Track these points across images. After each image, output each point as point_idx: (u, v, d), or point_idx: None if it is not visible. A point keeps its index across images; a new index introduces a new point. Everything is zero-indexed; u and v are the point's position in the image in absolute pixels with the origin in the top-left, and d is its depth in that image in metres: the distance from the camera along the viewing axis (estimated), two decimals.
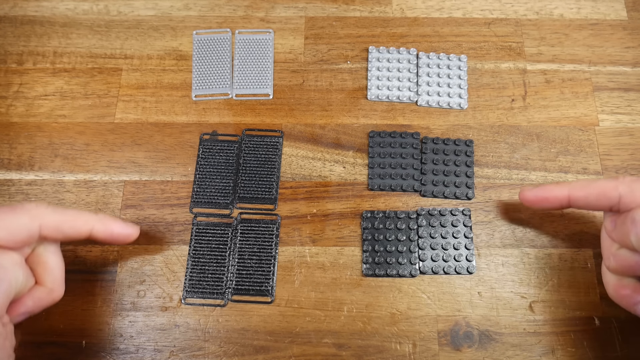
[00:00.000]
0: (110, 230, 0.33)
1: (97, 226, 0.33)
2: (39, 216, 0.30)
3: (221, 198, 0.39)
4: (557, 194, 0.34)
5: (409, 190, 0.39)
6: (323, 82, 0.43)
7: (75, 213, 0.32)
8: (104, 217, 0.33)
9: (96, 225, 0.33)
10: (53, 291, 0.32)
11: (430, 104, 0.42)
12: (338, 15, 0.45)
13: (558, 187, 0.34)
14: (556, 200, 0.34)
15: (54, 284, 0.32)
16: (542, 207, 0.35)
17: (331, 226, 0.38)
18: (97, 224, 0.33)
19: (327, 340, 0.35)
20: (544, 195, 0.34)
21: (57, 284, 0.32)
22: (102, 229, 0.33)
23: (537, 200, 0.35)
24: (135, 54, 0.44)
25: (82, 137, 0.41)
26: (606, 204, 0.32)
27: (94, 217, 0.33)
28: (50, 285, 0.32)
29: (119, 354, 0.35)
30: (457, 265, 0.37)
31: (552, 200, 0.34)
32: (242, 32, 0.45)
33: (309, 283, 0.37)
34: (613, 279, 0.32)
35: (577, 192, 0.33)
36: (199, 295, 0.37)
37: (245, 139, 0.41)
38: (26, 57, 0.44)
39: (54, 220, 0.31)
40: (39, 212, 0.30)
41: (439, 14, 0.45)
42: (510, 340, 0.35)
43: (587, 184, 0.33)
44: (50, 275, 0.32)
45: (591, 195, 0.32)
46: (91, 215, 0.33)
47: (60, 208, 0.32)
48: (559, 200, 0.34)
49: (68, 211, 0.32)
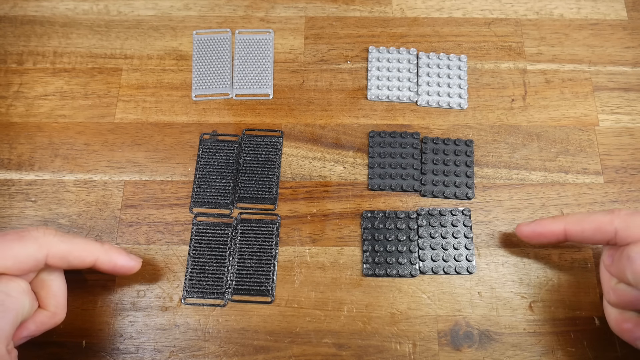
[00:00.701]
0: (113, 262, 0.33)
1: (102, 257, 0.33)
2: (46, 245, 0.30)
3: (221, 198, 0.39)
4: (553, 228, 0.33)
5: (409, 190, 0.39)
6: (323, 82, 0.43)
7: (81, 243, 0.32)
8: (109, 249, 0.33)
9: (101, 257, 0.33)
10: (56, 315, 0.32)
11: (430, 104, 0.42)
12: (338, 15, 0.45)
13: (554, 222, 0.33)
14: (552, 235, 0.34)
15: (57, 308, 0.32)
16: (539, 242, 0.35)
17: (331, 226, 0.38)
18: (102, 255, 0.33)
19: (327, 340, 0.35)
20: (540, 230, 0.34)
21: (60, 308, 0.33)
22: (106, 261, 0.33)
23: (533, 235, 0.35)
24: (135, 54, 0.44)
25: (82, 137, 0.41)
26: (603, 239, 0.31)
27: (100, 248, 0.33)
28: (53, 310, 0.32)
29: (119, 353, 0.35)
30: (457, 265, 0.37)
31: (548, 235, 0.34)
32: (242, 32, 0.45)
33: (309, 283, 0.37)
34: (614, 312, 0.32)
35: (573, 226, 0.33)
36: (199, 295, 0.37)
37: (245, 139, 0.41)
38: (26, 57, 0.44)
39: (60, 250, 0.31)
40: (46, 240, 0.30)
41: (439, 14, 0.45)
42: (510, 340, 0.35)
43: (583, 218, 0.32)
44: (53, 299, 0.32)
45: (587, 230, 0.32)
46: (97, 246, 0.33)
47: (68, 237, 0.32)
48: (555, 235, 0.34)
49: (75, 240, 0.32)
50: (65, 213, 0.39)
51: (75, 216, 0.39)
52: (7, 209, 0.39)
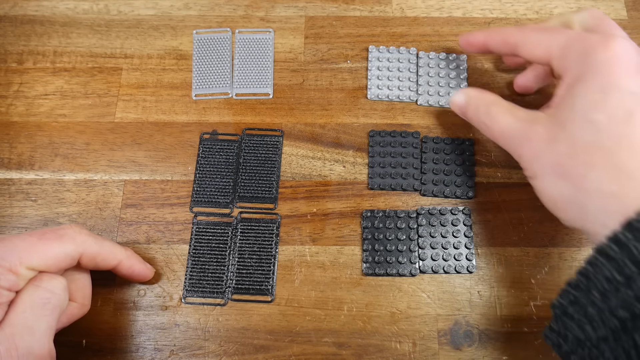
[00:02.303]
0: (132, 268, 0.34)
1: (124, 262, 0.34)
2: (82, 245, 0.31)
3: (221, 197, 0.39)
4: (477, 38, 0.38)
5: (409, 189, 0.39)
6: (323, 82, 0.43)
7: (109, 245, 0.33)
8: (131, 255, 0.35)
9: (124, 261, 0.34)
10: (84, 306, 0.34)
11: (431, 104, 0.42)
12: (338, 14, 0.45)
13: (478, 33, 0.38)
14: (478, 44, 0.38)
15: (85, 299, 0.34)
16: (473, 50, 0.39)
17: (331, 225, 0.38)
18: (125, 260, 0.34)
19: (327, 339, 0.35)
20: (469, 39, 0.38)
21: (87, 300, 0.34)
22: (127, 266, 0.34)
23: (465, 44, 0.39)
24: (135, 54, 0.44)
25: (82, 136, 0.41)
26: (509, 50, 0.35)
27: (123, 253, 0.34)
28: (81, 301, 0.33)
29: (119, 353, 0.35)
30: (457, 264, 0.37)
31: (475, 44, 0.38)
32: (242, 31, 0.45)
33: (309, 282, 0.37)
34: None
35: (489, 37, 0.37)
36: (199, 294, 0.37)
37: (245, 138, 0.41)
38: (26, 56, 0.44)
39: (93, 250, 0.32)
40: (82, 239, 0.31)
41: (439, 14, 0.45)
42: (510, 339, 0.35)
43: (497, 30, 0.36)
44: (82, 292, 0.34)
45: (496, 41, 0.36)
46: (121, 250, 0.34)
47: (99, 238, 0.33)
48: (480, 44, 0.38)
49: (104, 242, 0.33)
50: (65, 212, 0.39)
51: (76, 215, 0.39)
52: (7, 208, 0.39)
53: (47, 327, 0.29)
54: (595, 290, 0.26)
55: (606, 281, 0.26)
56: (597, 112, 0.28)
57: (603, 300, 0.26)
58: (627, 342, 0.25)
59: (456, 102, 0.37)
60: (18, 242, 0.29)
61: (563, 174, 0.29)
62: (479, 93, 0.36)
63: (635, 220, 0.25)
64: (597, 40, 0.29)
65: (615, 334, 0.25)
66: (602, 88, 0.28)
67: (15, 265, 0.28)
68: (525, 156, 0.31)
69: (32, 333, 0.28)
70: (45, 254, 0.30)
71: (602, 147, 0.27)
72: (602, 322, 0.26)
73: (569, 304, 0.28)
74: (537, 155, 0.30)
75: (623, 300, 0.25)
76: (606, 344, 0.26)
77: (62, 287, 0.30)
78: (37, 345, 0.28)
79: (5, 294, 0.28)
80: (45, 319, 0.29)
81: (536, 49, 0.33)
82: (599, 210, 0.27)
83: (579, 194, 0.28)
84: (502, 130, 0.33)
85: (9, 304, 0.29)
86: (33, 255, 0.29)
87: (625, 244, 0.25)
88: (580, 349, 0.28)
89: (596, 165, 0.27)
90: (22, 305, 0.29)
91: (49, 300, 0.29)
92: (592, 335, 0.27)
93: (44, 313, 0.29)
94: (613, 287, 0.26)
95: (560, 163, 0.29)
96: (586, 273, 0.27)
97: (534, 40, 0.33)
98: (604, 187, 0.27)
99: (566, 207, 0.29)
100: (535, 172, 0.31)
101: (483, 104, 0.35)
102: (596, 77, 0.29)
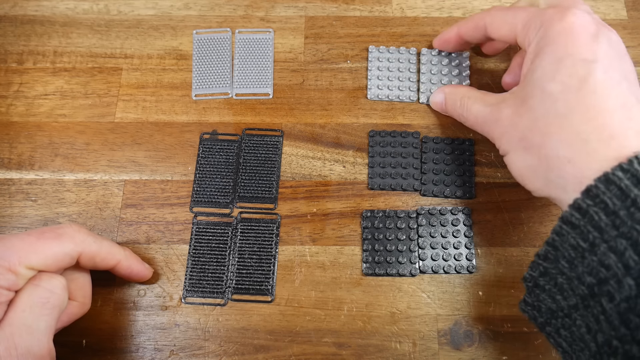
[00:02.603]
0: (130, 268, 0.35)
1: (123, 262, 0.34)
2: (81, 244, 0.31)
3: (221, 197, 0.39)
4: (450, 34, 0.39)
5: (409, 189, 0.39)
6: (323, 82, 0.43)
7: (108, 245, 0.33)
8: (129, 255, 0.35)
9: (122, 261, 0.34)
10: (84, 305, 0.34)
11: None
12: (338, 14, 0.45)
13: (450, 29, 0.39)
14: (453, 39, 0.39)
15: (85, 298, 0.34)
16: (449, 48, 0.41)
17: (331, 225, 0.38)
18: (124, 260, 0.34)
19: (327, 339, 0.35)
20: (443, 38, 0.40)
21: (87, 298, 0.34)
22: (125, 266, 0.34)
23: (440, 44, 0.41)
24: (135, 54, 0.44)
25: (83, 136, 0.41)
26: (481, 34, 0.36)
27: (122, 253, 0.34)
28: (81, 300, 0.34)
29: (119, 353, 0.35)
30: (457, 264, 0.37)
31: (450, 40, 0.40)
32: (242, 31, 0.45)
33: (309, 282, 0.37)
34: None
35: (462, 27, 0.38)
36: (199, 294, 0.37)
37: (245, 138, 0.41)
38: (26, 56, 0.44)
39: (92, 250, 0.32)
40: (81, 238, 0.31)
41: (439, 14, 0.45)
42: (510, 339, 0.35)
43: (468, 18, 0.38)
44: (81, 291, 0.34)
45: (469, 28, 0.37)
46: (120, 251, 0.34)
47: (99, 238, 0.33)
48: (455, 38, 0.39)
49: (104, 242, 0.33)
50: (65, 212, 0.39)
51: (76, 215, 0.39)
52: (7, 208, 0.39)
53: (46, 327, 0.29)
54: (563, 259, 0.27)
55: (572, 249, 0.26)
56: (552, 82, 0.29)
57: (571, 268, 0.27)
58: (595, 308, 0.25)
59: (436, 101, 0.40)
60: (17, 242, 0.29)
61: (526, 146, 0.30)
62: (453, 88, 0.38)
63: (593, 186, 0.26)
64: (554, 12, 0.30)
65: (585, 301, 0.26)
66: (557, 58, 0.29)
67: (15, 265, 0.28)
68: (495, 136, 0.33)
69: (32, 332, 0.28)
70: (44, 253, 0.30)
71: (557, 116, 0.28)
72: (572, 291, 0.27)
73: (540, 276, 0.29)
74: (505, 133, 0.32)
75: (589, 267, 0.25)
76: (577, 312, 0.26)
77: (61, 286, 0.30)
78: (37, 344, 0.28)
79: (4, 294, 0.28)
80: (45, 318, 0.29)
81: (502, 27, 0.34)
82: (558, 176, 0.28)
83: (541, 163, 0.29)
84: (476, 117, 0.34)
85: (8, 304, 0.29)
86: (32, 254, 0.29)
87: (586, 211, 0.26)
88: (553, 320, 0.28)
89: (553, 134, 0.28)
90: (21, 304, 0.29)
91: (48, 299, 0.29)
92: (564, 304, 0.27)
93: (44, 312, 0.29)
94: (579, 254, 0.26)
95: (524, 136, 0.30)
96: (553, 243, 0.28)
97: (500, 19, 0.34)
98: (561, 154, 0.28)
99: (532, 177, 0.31)
100: (505, 149, 0.32)
101: (458, 98, 0.37)
102: (551, 48, 0.29)
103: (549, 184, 0.29)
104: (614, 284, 0.24)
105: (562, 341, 0.28)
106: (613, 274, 0.24)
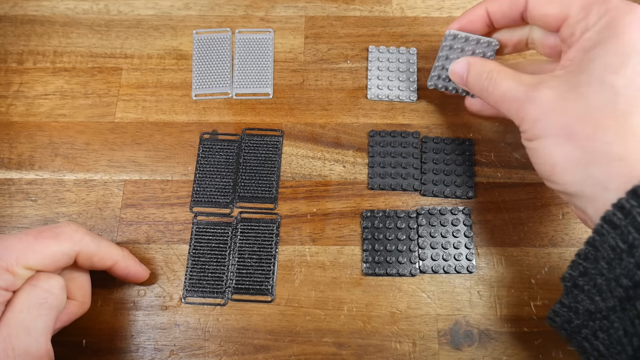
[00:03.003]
0: (128, 269, 0.34)
1: (120, 263, 0.34)
2: (79, 243, 0.31)
3: (221, 197, 0.39)
4: (476, 13, 0.35)
5: (409, 189, 0.39)
6: (323, 82, 0.43)
7: (106, 245, 0.33)
8: (127, 255, 0.35)
9: (119, 262, 0.34)
10: (84, 304, 0.34)
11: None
12: (338, 14, 0.45)
13: (476, 8, 0.35)
14: (479, 20, 0.35)
15: (85, 297, 0.34)
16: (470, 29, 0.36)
17: (331, 225, 0.38)
18: (121, 260, 0.34)
19: (327, 339, 0.35)
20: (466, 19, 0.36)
21: (87, 297, 0.34)
22: (122, 267, 0.34)
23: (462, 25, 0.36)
24: (135, 54, 0.44)
25: (83, 136, 0.41)
26: (517, 14, 0.33)
27: (120, 254, 0.34)
28: (81, 299, 0.33)
29: (119, 353, 0.35)
30: (457, 264, 0.37)
31: (475, 21, 0.35)
32: (242, 31, 0.45)
33: (309, 282, 0.37)
34: None
35: (494, 3, 0.34)
36: (199, 294, 0.37)
37: (245, 138, 0.41)
38: (26, 56, 0.44)
39: (90, 249, 0.32)
40: (79, 237, 0.31)
41: (439, 14, 0.45)
42: (510, 339, 0.35)
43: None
44: (81, 290, 0.34)
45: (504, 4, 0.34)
46: (118, 251, 0.34)
47: (97, 237, 0.33)
48: (481, 19, 0.35)
49: (102, 242, 0.33)
50: (65, 212, 0.39)
51: (76, 215, 0.39)
52: (7, 208, 0.39)
53: (44, 327, 0.29)
54: (603, 260, 0.26)
55: (611, 250, 0.26)
56: (615, 75, 0.27)
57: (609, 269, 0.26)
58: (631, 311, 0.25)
59: (457, 70, 0.37)
60: (14, 242, 0.29)
61: (569, 134, 0.28)
62: (480, 60, 0.36)
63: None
64: (621, 3, 0.29)
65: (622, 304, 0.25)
66: (623, 52, 0.28)
67: (12, 265, 0.28)
68: (528, 117, 0.30)
69: (29, 333, 0.28)
70: (42, 252, 0.30)
71: (615, 110, 0.27)
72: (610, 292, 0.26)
73: (579, 275, 0.28)
74: (543, 116, 0.29)
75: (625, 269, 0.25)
76: (615, 314, 0.26)
77: (59, 286, 0.30)
78: (34, 345, 0.28)
79: (2, 294, 0.28)
80: (42, 318, 0.29)
81: (552, 6, 0.31)
82: (602, 173, 0.27)
83: (585, 156, 0.28)
84: (504, 93, 0.32)
85: (5, 304, 0.29)
86: (30, 254, 0.29)
87: (629, 211, 0.25)
88: (591, 322, 0.27)
89: (607, 128, 0.27)
90: (19, 305, 0.29)
91: (46, 299, 0.29)
92: (602, 306, 0.26)
93: (41, 313, 0.29)
94: (617, 255, 0.25)
95: (568, 124, 0.28)
96: (593, 242, 0.27)
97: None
98: (612, 150, 0.27)
99: (567, 169, 0.29)
100: (537, 133, 0.30)
101: (485, 70, 0.34)
102: (617, 40, 0.28)
103: (587, 179, 0.28)
104: None
105: (599, 344, 0.27)
106: None
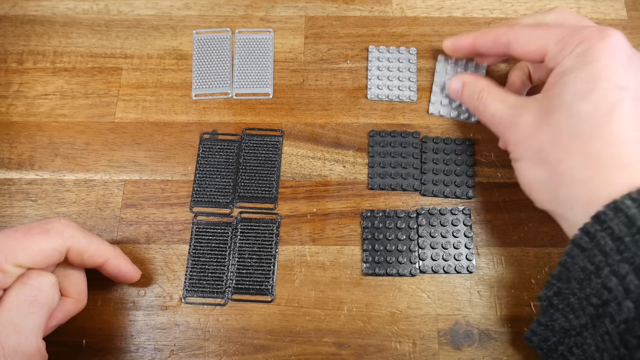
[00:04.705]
0: (119, 267, 0.34)
1: (112, 261, 0.34)
2: (69, 239, 0.31)
3: (221, 197, 0.39)
4: (465, 41, 0.38)
5: (409, 189, 0.39)
6: (323, 82, 0.43)
7: (98, 242, 0.33)
8: (119, 254, 0.34)
9: (111, 260, 0.33)
10: (79, 301, 0.33)
11: (442, 114, 0.42)
12: (338, 14, 0.45)
13: (466, 36, 0.38)
14: (466, 46, 0.38)
15: (80, 295, 0.33)
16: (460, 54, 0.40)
17: (331, 225, 0.38)
18: (112, 259, 0.34)
19: (327, 339, 0.35)
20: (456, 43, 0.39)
21: (83, 295, 0.34)
22: (113, 265, 0.34)
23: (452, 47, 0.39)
24: (135, 54, 0.44)
25: (83, 136, 0.41)
26: (500, 50, 0.35)
27: (111, 252, 0.34)
28: (76, 297, 0.33)
29: (119, 353, 0.35)
30: (457, 264, 0.37)
31: (463, 47, 0.38)
32: (242, 31, 0.45)
33: (309, 282, 0.37)
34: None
35: (479, 39, 0.37)
36: (199, 294, 0.37)
37: (245, 138, 0.41)
38: (26, 56, 0.44)
39: (81, 245, 0.31)
40: (70, 233, 0.31)
41: (439, 14, 0.45)
42: (510, 339, 0.35)
43: (487, 30, 0.36)
44: (75, 287, 0.33)
45: (487, 41, 0.36)
46: (110, 248, 0.34)
47: (88, 234, 0.32)
48: (468, 46, 0.38)
49: (94, 239, 0.33)
50: (65, 212, 0.39)
51: (76, 215, 0.39)
52: (7, 208, 0.39)
53: (34, 325, 0.29)
54: (574, 280, 0.28)
55: (581, 271, 0.27)
56: (583, 102, 0.29)
57: (580, 289, 0.28)
58: (601, 328, 0.26)
59: (453, 87, 0.39)
60: (4, 239, 0.29)
61: (542, 159, 0.30)
62: (474, 78, 0.37)
63: (602, 212, 0.26)
64: (594, 31, 0.30)
65: (593, 321, 0.27)
66: (592, 78, 0.29)
67: (2, 263, 0.28)
68: (511, 140, 0.33)
69: (19, 331, 0.28)
70: (31, 249, 0.29)
71: (581, 135, 0.28)
72: (582, 310, 0.28)
73: (554, 295, 0.30)
74: (522, 140, 0.32)
75: (594, 288, 0.27)
76: (587, 331, 0.28)
77: (49, 283, 0.30)
78: (25, 343, 0.28)
79: None
80: (32, 316, 0.29)
81: (531, 44, 0.33)
82: (568, 195, 0.29)
83: (553, 178, 0.30)
84: (493, 115, 0.34)
85: None
86: (19, 251, 0.29)
87: (594, 235, 0.26)
88: (567, 339, 0.29)
89: (573, 152, 0.29)
90: (8, 303, 0.28)
91: (36, 297, 0.29)
92: (576, 323, 0.28)
93: (31, 311, 0.29)
94: (587, 276, 0.27)
95: (541, 148, 0.30)
96: (565, 264, 0.28)
97: (527, 36, 0.33)
98: (575, 173, 0.28)
99: (539, 190, 0.31)
100: (517, 156, 0.32)
101: (477, 89, 0.36)
102: (587, 67, 0.29)
103: (555, 200, 0.30)
104: (615, 306, 0.25)
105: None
106: (614, 297, 0.25)
